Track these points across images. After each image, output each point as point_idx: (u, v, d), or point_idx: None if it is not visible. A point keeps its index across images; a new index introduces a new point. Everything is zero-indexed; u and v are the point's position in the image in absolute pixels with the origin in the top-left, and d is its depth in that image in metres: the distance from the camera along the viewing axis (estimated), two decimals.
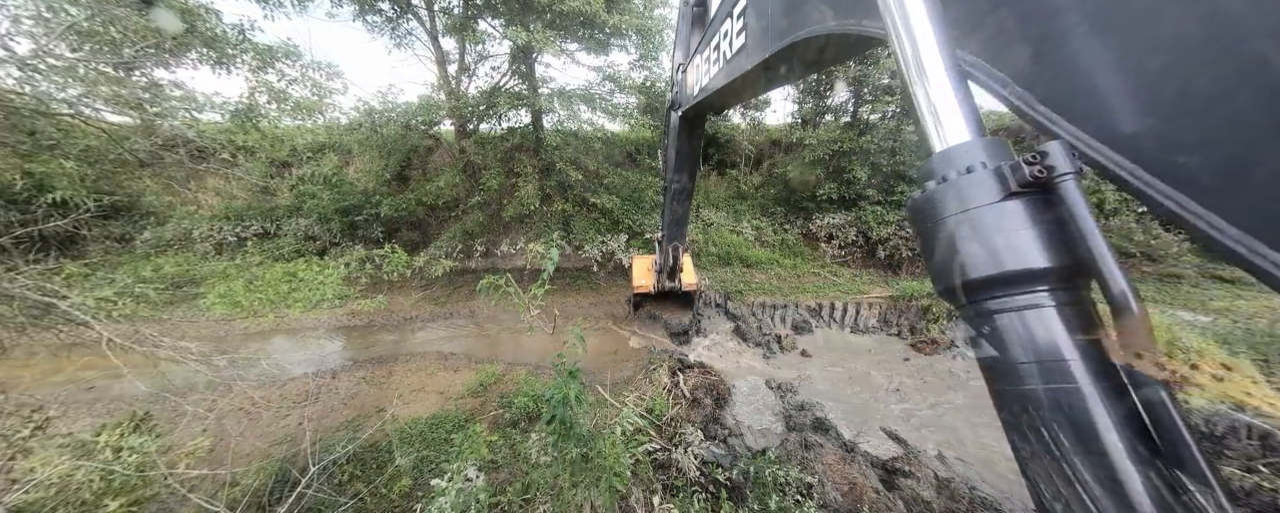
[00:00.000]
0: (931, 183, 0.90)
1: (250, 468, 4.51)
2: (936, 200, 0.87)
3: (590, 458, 3.10)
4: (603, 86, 12.58)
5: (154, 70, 6.92)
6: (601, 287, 12.48)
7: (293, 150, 12.31)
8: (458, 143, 13.04)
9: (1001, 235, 0.78)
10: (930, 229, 0.89)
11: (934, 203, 0.88)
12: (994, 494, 5.05)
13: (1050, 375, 0.74)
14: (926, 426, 6.65)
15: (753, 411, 6.92)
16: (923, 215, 0.91)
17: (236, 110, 6.67)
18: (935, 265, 0.90)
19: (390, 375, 7.88)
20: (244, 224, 13.07)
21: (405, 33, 12.48)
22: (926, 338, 9.80)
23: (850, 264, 13.66)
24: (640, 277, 8.90)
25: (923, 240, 0.94)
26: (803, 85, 15.50)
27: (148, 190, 13.13)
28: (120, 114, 6.11)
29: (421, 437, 5.65)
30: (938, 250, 0.87)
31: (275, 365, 7.93)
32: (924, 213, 0.91)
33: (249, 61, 7.09)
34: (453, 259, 11.89)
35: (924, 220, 0.91)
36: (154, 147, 6.65)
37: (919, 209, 0.93)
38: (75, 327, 4.40)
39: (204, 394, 6.68)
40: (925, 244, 0.93)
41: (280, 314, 8.83)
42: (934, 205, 0.88)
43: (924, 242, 0.93)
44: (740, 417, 6.67)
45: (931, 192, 0.89)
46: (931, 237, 0.89)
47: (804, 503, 3.35)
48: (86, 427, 5.57)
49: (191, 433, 5.28)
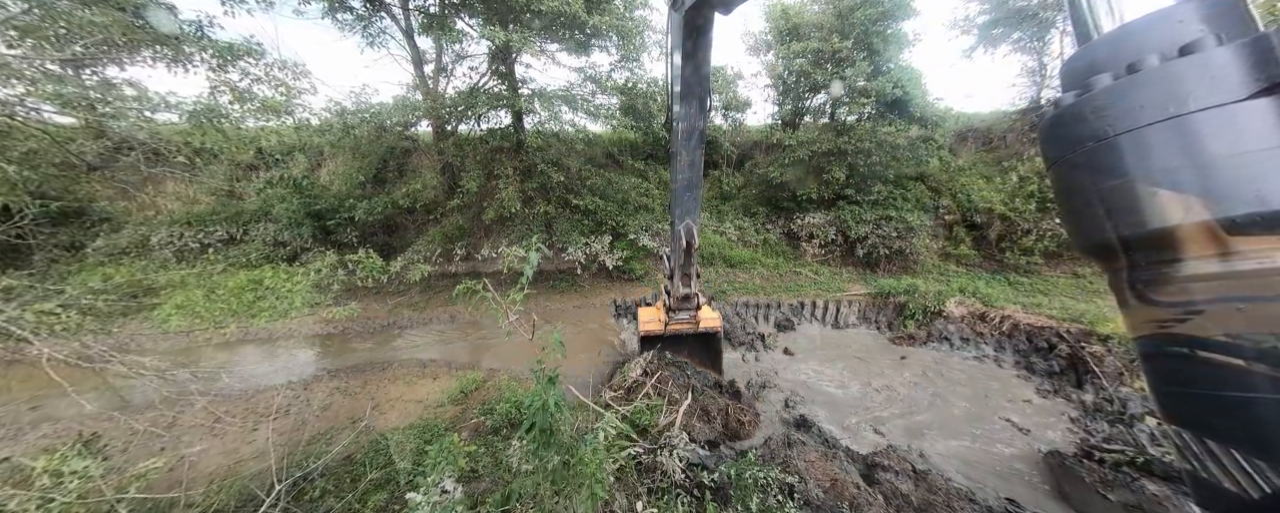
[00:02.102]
0: (1103, 78, 0.57)
1: (211, 488, 4.27)
2: (1109, 105, 0.55)
3: (571, 465, 3.04)
4: (584, 87, 12.50)
5: (106, 68, 6.53)
6: (585, 289, 12.38)
7: (259, 152, 11.83)
8: (436, 144, 12.74)
9: (1265, 154, 0.46)
10: (1092, 154, 0.56)
11: (1103, 110, 0.56)
12: (968, 485, 5.19)
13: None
14: (906, 418, 6.81)
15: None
16: (1077, 133, 0.58)
17: (194, 111, 6.33)
18: (1105, 206, 0.57)
19: (366, 385, 7.61)
20: (207, 230, 12.46)
21: (378, 31, 12.13)
22: (904, 334, 10.06)
23: (830, 263, 13.93)
24: (647, 317, 7.15)
25: (1073, 173, 0.60)
26: (783, 87, 15.77)
27: (99, 195, 12.39)
28: (66, 114, 5.73)
29: (398, 447, 5.47)
30: (1109, 183, 0.55)
31: (241, 378, 7.56)
32: (1080, 128, 0.57)
33: (208, 59, 6.75)
34: (431, 264, 11.59)
35: (1076, 142, 0.58)
36: (104, 149, 6.26)
37: (1069, 125, 0.59)
38: (14, 343, 4.08)
39: (162, 411, 6.30)
40: (1079, 178, 0.59)
41: (244, 325, 8.42)
42: (1103, 114, 0.56)
43: (1077, 174, 0.59)
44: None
45: (1097, 94, 0.56)
46: (1095, 165, 0.56)
47: (785, 504, 3.36)
48: (28, 450, 5.18)
49: (147, 453, 4.97)
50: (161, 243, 11.89)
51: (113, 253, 11.49)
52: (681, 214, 5.85)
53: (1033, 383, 7.92)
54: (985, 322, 9.67)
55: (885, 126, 13.11)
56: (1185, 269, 0.51)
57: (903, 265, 13.20)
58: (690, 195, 5.77)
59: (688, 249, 5.85)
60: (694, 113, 5.20)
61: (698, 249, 6.03)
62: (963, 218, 13.77)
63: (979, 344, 9.29)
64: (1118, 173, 0.55)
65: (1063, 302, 10.45)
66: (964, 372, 8.42)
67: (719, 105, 16.86)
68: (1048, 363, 8.31)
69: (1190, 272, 0.50)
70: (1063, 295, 10.97)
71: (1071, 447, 5.91)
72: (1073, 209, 0.64)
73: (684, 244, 5.81)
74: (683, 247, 5.84)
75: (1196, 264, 0.50)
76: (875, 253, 13.19)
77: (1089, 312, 9.33)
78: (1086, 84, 0.58)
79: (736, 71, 16.88)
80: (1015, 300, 10.61)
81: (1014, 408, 7.12)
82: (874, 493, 4.48)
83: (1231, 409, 0.49)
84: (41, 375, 4.03)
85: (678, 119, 5.29)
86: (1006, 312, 9.74)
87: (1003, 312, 9.75)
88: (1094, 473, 5.02)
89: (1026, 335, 9.02)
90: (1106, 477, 4.92)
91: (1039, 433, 6.41)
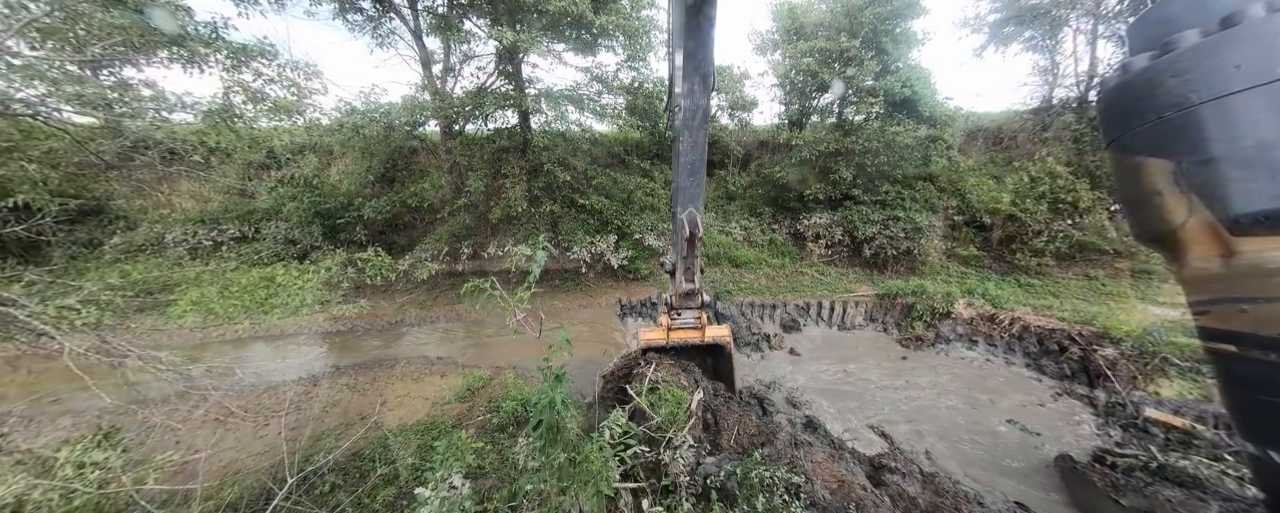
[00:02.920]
0: (1188, 34, 0.46)
1: (225, 481, 4.35)
2: (1194, 67, 0.44)
3: (577, 463, 3.07)
4: (590, 87, 12.54)
5: (123, 69, 6.67)
6: (590, 288, 12.41)
7: (271, 152, 12.01)
8: (443, 144, 12.85)
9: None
10: (1168, 128, 0.46)
11: (1186, 73, 0.45)
12: (977, 488, 5.14)
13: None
14: (913, 420, 6.76)
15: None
16: (1149, 103, 0.46)
17: (209, 110, 6.45)
18: (1185, 188, 0.46)
19: (374, 382, 7.71)
20: (220, 228, 12.67)
21: (388, 32, 12.27)
22: (911, 335, 9.98)
23: (836, 263, 13.84)
24: (649, 334, 6.33)
25: (1141, 150, 0.48)
26: (789, 87, 15.69)
27: (116, 194, 12.66)
28: (86, 114, 5.86)
29: (407, 444, 5.54)
30: (1190, 161, 0.45)
31: (253, 374, 7.69)
32: (1154, 96, 0.46)
33: (223, 60, 6.88)
34: (439, 262, 11.69)
35: (1147, 114, 0.47)
36: (122, 148, 6.40)
37: (1139, 93, 0.47)
38: (36, 338, 4.20)
39: (177, 405, 6.43)
40: (1148, 155, 0.47)
41: (257, 321, 8.57)
42: (1186, 77, 0.45)
43: (1145, 151, 0.48)
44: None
45: (1180, 55, 0.45)
46: (1171, 140, 0.46)
47: (791, 503, 3.36)
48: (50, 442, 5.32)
49: (163, 445, 5.08)
50: (176, 241, 12.12)
51: (129, 250, 11.74)
52: (684, 202, 5.29)
53: (1043, 386, 7.81)
54: (994, 324, 9.55)
55: (894, 126, 12.99)
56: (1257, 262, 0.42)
57: (910, 266, 13.08)
58: (693, 181, 5.23)
59: (691, 240, 5.26)
60: (697, 91, 4.77)
61: (702, 240, 5.46)
62: (971, 218, 13.62)
63: (988, 346, 9.19)
64: (1198, 148, 0.42)
65: (1074, 304, 10.30)
66: (972, 374, 8.33)
67: (725, 104, 16.82)
68: (1059, 366, 8.20)
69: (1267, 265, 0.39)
70: (1074, 297, 10.81)
71: (1083, 451, 5.83)
72: (1130, 195, 0.52)
73: (687, 234, 5.21)
74: (686, 237, 5.23)
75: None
76: (882, 254, 13.08)
77: (1101, 314, 9.18)
78: (1165, 43, 0.48)
79: (743, 71, 16.85)
80: (1025, 302, 10.47)
81: (1024, 411, 7.03)
82: (881, 495, 4.45)
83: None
84: (62, 370, 4.14)
85: (681, 96, 4.90)
86: (1016, 314, 9.61)
87: (1012, 314, 9.63)
88: (1106, 478, 4.95)
89: (1037, 338, 8.90)
90: (1118, 482, 4.85)
91: (1050, 437, 6.33)
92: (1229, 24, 0.42)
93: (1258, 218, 0.38)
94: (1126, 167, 0.48)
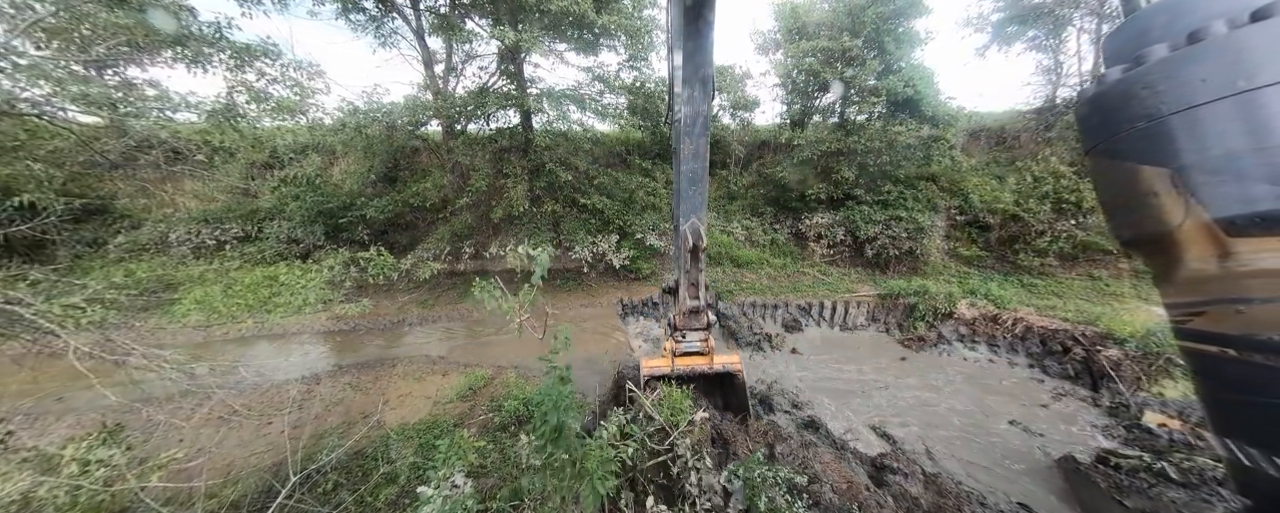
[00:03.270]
0: (1157, 49, 0.48)
1: (229, 479, 4.37)
2: (1164, 80, 0.45)
3: (578, 463, 3.07)
4: (592, 87, 12.54)
5: (127, 69, 6.70)
6: (592, 288, 12.42)
7: (274, 151, 12.05)
8: (445, 143, 12.87)
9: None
10: (1140, 137, 0.47)
11: (1157, 85, 0.46)
12: (979, 489, 5.13)
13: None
14: (915, 421, 6.74)
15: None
16: (1122, 113, 0.47)
17: (213, 110, 6.48)
18: (1153, 195, 0.47)
19: (377, 380, 7.73)
20: (223, 227, 12.73)
21: (390, 32, 12.28)
22: (914, 335, 9.95)
23: (838, 263, 13.82)
24: (652, 363, 5.87)
25: (1116, 158, 0.50)
26: (791, 86, 15.66)
27: (120, 193, 12.71)
28: (90, 114, 5.89)
29: (408, 442, 5.55)
30: (1159, 169, 0.47)
31: (256, 372, 7.72)
32: (1127, 107, 0.46)
33: (226, 60, 6.89)
34: (441, 261, 11.72)
35: (1121, 124, 0.48)
36: (126, 148, 6.42)
37: (1113, 104, 0.48)
38: (42, 335, 4.22)
39: (181, 403, 6.46)
40: (1122, 163, 0.49)
41: (260, 320, 8.60)
42: (1156, 90, 0.46)
43: (1120, 159, 0.50)
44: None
45: (1150, 68, 0.47)
46: (1143, 149, 0.47)
47: (794, 503, 3.36)
48: (55, 440, 5.35)
49: (167, 443, 5.10)
50: (180, 240, 12.17)
51: (133, 249, 11.80)
52: (686, 212, 5.00)
53: (1046, 387, 7.79)
54: (997, 324, 9.52)
55: (896, 126, 12.96)
56: (1243, 264, 0.45)
57: (912, 267, 13.05)
58: (695, 190, 4.95)
59: (695, 252, 4.96)
60: (697, 97, 4.56)
61: (706, 251, 5.12)
62: (974, 219, 13.58)
63: (990, 347, 9.16)
64: (1170, 157, 0.44)
65: (1078, 304, 10.26)
66: (975, 375, 8.31)
67: (727, 104, 16.79)
68: (1062, 367, 8.17)
69: (1257, 266, 0.43)
70: (1077, 298, 10.77)
71: (1086, 452, 5.81)
72: (1114, 199, 0.54)
73: (690, 246, 4.91)
74: (689, 248, 4.94)
75: (1262, 258, 0.41)
76: (884, 254, 13.05)
77: (1105, 315, 9.15)
78: (1137, 57, 0.51)
79: (744, 70, 16.83)
80: (1028, 303, 10.44)
81: (1026, 412, 7.01)
82: (883, 495, 4.44)
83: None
84: (66, 368, 4.16)
85: (681, 103, 4.68)
86: (1019, 314, 9.58)
87: (1015, 314, 9.60)
88: (1109, 479, 4.93)
89: (1040, 338, 8.87)
90: (1121, 483, 4.83)
91: (1053, 438, 6.31)
92: (1195, 39, 0.44)
93: (1229, 223, 0.39)
94: (1119, 170, 0.49)
